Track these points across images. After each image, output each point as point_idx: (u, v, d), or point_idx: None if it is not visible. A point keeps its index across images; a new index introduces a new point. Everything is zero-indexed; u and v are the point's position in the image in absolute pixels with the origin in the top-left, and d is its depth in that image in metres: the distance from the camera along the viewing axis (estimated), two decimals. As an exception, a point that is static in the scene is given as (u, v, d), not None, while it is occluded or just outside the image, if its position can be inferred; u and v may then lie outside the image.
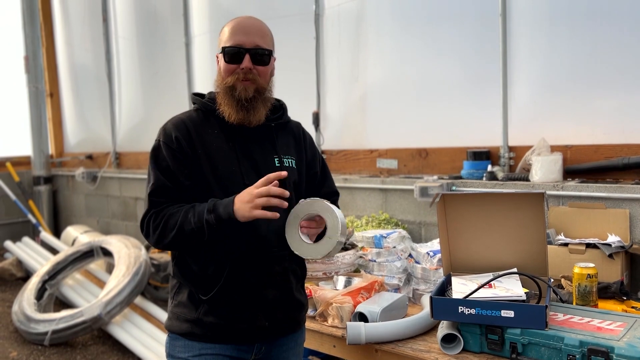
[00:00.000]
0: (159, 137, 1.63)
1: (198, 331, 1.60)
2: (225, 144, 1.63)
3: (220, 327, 1.60)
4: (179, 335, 1.63)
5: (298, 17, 3.66)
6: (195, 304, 1.60)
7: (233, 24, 1.64)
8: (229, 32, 1.63)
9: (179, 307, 1.63)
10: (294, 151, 1.75)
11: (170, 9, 4.74)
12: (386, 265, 2.32)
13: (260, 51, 1.62)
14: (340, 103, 3.55)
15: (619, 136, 2.45)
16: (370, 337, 1.81)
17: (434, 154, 3.07)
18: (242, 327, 1.61)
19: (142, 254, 4.17)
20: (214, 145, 1.61)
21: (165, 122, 1.67)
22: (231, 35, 1.62)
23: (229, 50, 1.62)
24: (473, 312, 1.64)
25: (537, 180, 2.51)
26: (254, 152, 1.65)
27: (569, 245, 2.20)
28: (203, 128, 1.63)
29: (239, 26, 1.63)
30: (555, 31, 2.61)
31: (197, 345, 1.61)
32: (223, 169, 1.60)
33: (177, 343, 1.64)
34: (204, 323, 1.59)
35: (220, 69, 1.64)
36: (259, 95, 1.63)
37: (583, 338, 1.50)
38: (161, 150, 1.61)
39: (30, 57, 6.00)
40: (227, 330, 1.60)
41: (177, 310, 1.64)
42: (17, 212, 5.91)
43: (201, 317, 1.59)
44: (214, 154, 1.60)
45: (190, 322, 1.60)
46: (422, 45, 3.12)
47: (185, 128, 1.62)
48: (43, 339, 3.77)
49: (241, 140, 1.65)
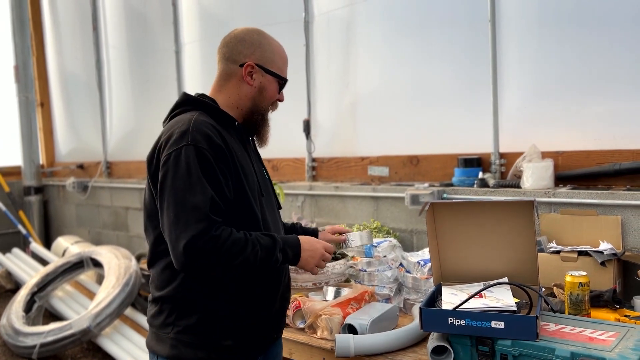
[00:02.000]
0: (193, 142, 1.42)
1: (216, 356, 1.52)
2: (247, 155, 1.63)
3: (237, 347, 1.54)
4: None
5: (288, 25, 3.64)
6: (210, 327, 1.50)
7: (283, 54, 1.68)
8: (282, 61, 1.66)
9: (186, 333, 1.51)
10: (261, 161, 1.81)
11: (160, 17, 4.72)
12: (377, 275, 2.29)
13: None
14: (331, 110, 3.53)
15: (610, 142, 2.44)
16: (359, 349, 1.78)
17: (425, 161, 3.05)
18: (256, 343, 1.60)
19: (133, 264, 4.12)
20: (239, 155, 1.55)
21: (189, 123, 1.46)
22: (284, 64, 1.67)
23: (283, 83, 1.67)
24: (463, 323, 1.61)
25: (529, 187, 2.49)
26: (255, 163, 1.67)
27: (561, 253, 2.18)
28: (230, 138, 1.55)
29: (285, 58, 1.69)
30: (545, 37, 2.60)
31: None
32: (250, 178, 1.57)
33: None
34: (222, 346, 1.52)
35: (266, 91, 1.64)
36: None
37: (575, 349, 1.47)
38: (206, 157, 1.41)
39: (20, 66, 5.96)
40: (242, 349, 1.55)
41: (184, 337, 1.51)
42: (7, 222, 5.84)
43: (219, 340, 1.51)
44: (243, 162, 1.56)
45: (207, 347, 1.51)
46: (413, 52, 3.10)
47: (220, 134, 1.49)
48: (31, 352, 3.72)
49: (249, 151, 1.67)
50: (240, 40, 1.62)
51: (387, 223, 3.04)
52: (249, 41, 1.61)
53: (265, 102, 1.64)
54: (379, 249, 2.38)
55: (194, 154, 1.41)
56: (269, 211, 1.64)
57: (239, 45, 1.61)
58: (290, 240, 1.55)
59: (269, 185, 1.72)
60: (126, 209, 5.12)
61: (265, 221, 1.60)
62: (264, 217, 1.59)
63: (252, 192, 1.55)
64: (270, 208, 1.67)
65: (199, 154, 1.41)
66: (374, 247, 2.38)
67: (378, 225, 3.00)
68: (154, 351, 1.57)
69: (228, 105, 1.62)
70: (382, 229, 2.96)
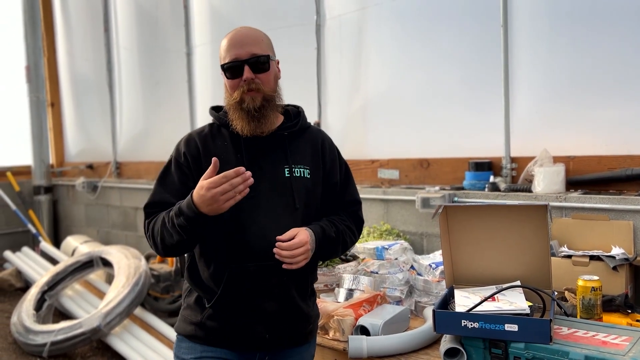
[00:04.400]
0: (172, 153, 1.71)
1: (200, 334, 1.65)
2: (234, 156, 1.64)
3: (220, 332, 1.64)
4: (184, 337, 1.68)
5: (299, 28, 3.66)
6: (201, 307, 1.66)
7: (227, 40, 1.67)
8: (225, 49, 1.66)
9: (187, 309, 1.70)
10: (309, 160, 1.72)
11: (172, 19, 4.75)
12: (388, 277, 2.30)
13: (257, 59, 1.62)
14: (341, 113, 3.55)
15: (622, 147, 2.44)
16: (372, 350, 1.79)
17: (436, 165, 3.06)
18: (240, 336, 1.63)
19: (142, 264, 4.15)
20: (221, 158, 1.58)
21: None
22: (227, 51, 1.64)
23: (228, 66, 1.63)
24: (476, 325, 1.62)
25: (540, 192, 2.50)
26: (263, 162, 1.65)
27: (573, 257, 2.18)
28: (213, 142, 1.67)
29: (233, 40, 1.65)
30: (557, 42, 2.61)
31: (199, 347, 1.66)
32: None
33: (182, 344, 1.69)
34: (206, 327, 1.64)
35: (226, 86, 1.67)
36: (267, 103, 1.63)
37: (588, 353, 1.47)
38: (171, 165, 1.69)
39: (32, 66, 6.01)
40: (226, 336, 1.64)
41: (185, 313, 1.70)
42: (17, 221, 5.89)
43: (204, 321, 1.64)
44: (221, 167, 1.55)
45: (195, 324, 1.66)
46: (424, 55, 3.12)
47: (195, 144, 1.68)
48: (42, 350, 3.74)
49: (252, 150, 1.65)
50: None
51: (397, 226, 3.05)
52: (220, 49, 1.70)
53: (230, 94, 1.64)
54: (390, 252, 2.40)
55: (167, 163, 1.70)
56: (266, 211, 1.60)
57: None
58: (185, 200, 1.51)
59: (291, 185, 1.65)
60: (135, 209, 5.15)
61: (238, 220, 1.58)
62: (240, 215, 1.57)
63: None
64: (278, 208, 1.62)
65: (169, 163, 1.69)
66: (385, 250, 2.39)
67: (388, 227, 3.01)
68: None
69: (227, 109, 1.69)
70: (392, 232, 2.97)
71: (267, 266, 1.60)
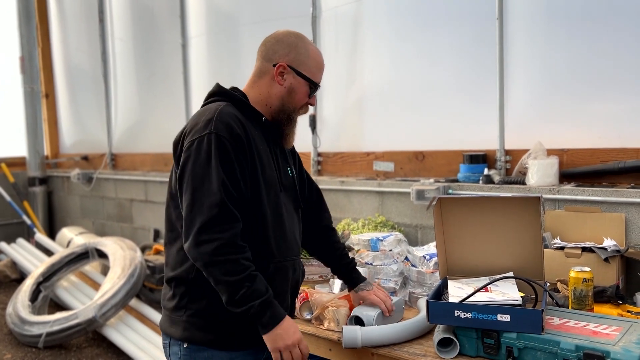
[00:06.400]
0: (216, 130, 1.48)
1: (226, 339, 1.57)
2: (268, 151, 1.66)
3: (249, 335, 1.58)
4: (203, 346, 1.58)
5: (295, 20, 3.65)
6: (219, 312, 1.54)
7: (319, 58, 1.69)
8: (317, 65, 1.68)
9: (196, 317, 1.57)
10: (290, 159, 1.82)
11: (167, 10, 4.73)
12: (382, 268, 2.31)
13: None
14: (337, 106, 3.55)
15: (615, 140, 2.46)
16: (367, 340, 1.81)
17: (431, 157, 3.07)
18: None
19: (138, 255, 4.16)
20: (260, 150, 1.61)
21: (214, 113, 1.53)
22: (318, 70, 1.68)
23: (314, 87, 1.68)
24: (469, 316, 1.64)
25: (534, 184, 2.51)
26: (280, 160, 1.71)
27: (565, 249, 2.20)
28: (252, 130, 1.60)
29: (322, 64, 1.71)
30: (552, 35, 2.62)
31: (226, 354, 1.58)
32: (269, 173, 1.62)
33: (200, 354, 1.58)
34: (232, 330, 1.57)
35: (295, 93, 1.66)
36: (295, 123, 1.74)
37: (579, 342, 1.50)
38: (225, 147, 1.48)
39: (26, 57, 5.98)
40: (254, 337, 1.58)
41: (195, 321, 1.57)
42: (11, 213, 5.88)
43: (230, 324, 1.56)
44: (262, 155, 1.61)
45: (217, 332, 1.57)
46: (419, 48, 3.12)
47: (242, 124, 1.56)
48: (37, 341, 3.75)
49: (273, 147, 1.70)
50: (278, 41, 1.67)
51: (392, 218, 3.06)
52: (285, 42, 1.66)
53: (293, 103, 1.66)
54: (384, 243, 2.41)
55: (215, 142, 1.48)
56: (288, 208, 1.70)
57: (276, 45, 1.66)
58: (277, 309, 1.51)
59: (295, 184, 1.76)
60: (131, 200, 5.15)
61: (280, 216, 1.64)
62: (279, 211, 1.63)
63: (268, 185, 1.60)
64: (291, 205, 1.72)
65: (219, 142, 1.48)
66: (380, 241, 2.41)
67: (383, 219, 3.03)
68: (168, 333, 1.63)
69: (257, 101, 1.66)
70: (387, 224, 2.99)
71: (296, 260, 1.71)
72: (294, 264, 1.73)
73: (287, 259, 1.67)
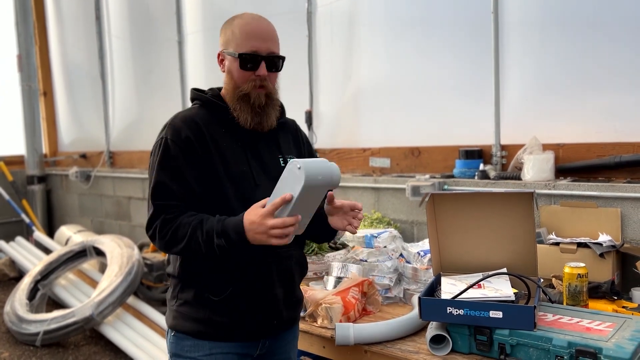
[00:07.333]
0: (166, 134, 1.55)
1: (209, 330, 1.59)
2: (235, 143, 1.62)
3: (232, 327, 1.60)
4: (187, 335, 1.61)
5: (290, 15, 3.64)
6: (203, 303, 1.58)
7: (247, 27, 1.58)
8: (243, 35, 1.57)
9: (185, 306, 1.61)
10: (294, 149, 1.76)
11: (163, 7, 4.71)
12: (377, 265, 2.30)
13: (275, 58, 1.61)
14: (333, 102, 3.53)
15: (611, 135, 2.44)
16: (359, 338, 1.80)
17: (427, 153, 3.06)
18: (251, 326, 1.62)
19: (135, 253, 4.15)
20: (224, 145, 1.58)
21: (171, 118, 1.60)
22: (245, 39, 1.57)
23: (246, 57, 1.57)
24: (461, 312, 1.63)
25: (529, 179, 2.50)
26: (262, 152, 1.65)
27: (560, 244, 2.19)
28: (213, 126, 1.60)
29: (255, 30, 1.58)
30: (547, 31, 2.60)
31: (208, 344, 1.60)
32: (235, 169, 1.58)
33: (185, 342, 1.62)
34: (214, 322, 1.59)
35: (232, 73, 1.60)
36: (270, 101, 1.63)
37: (571, 339, 1.49)
38: (169, 148, 1.54)
39: (24, 55, 5.96)
40: (238, 329, 1.60)
41: (182, 310, 1.61)
42: (10, 211, 5.88)
43: (211, 317, 1.58)
44: (226, 152, 1.57)
45: (200, 321, 1.59)
46: (415, 44, 3.10)
47: (197, 125, 1.56)
48: (35, 339, 3.75)
49: (249, 140, 1.64)
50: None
51: (388, 214, 3.05)
52: (221, 30, 1.65)
53: (236, 83, 1.59)
54: (379, 240, 2.40)
55: (163, 146, 1.55)
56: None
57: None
58: (233, 223, 1.45)
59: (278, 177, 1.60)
60: (129, 198, 5.14)
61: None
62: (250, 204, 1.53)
63: (235, 181, 1.56)
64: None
65: (165, 146, 1.54)
66: (374, 238, 2.40)
67: (379, 216, 3.02)
68: (167, 322, 1.70)
69: (225, 94, 1.65)
70: (383, 220, 2.97)
71: (278, 253, 1.63)
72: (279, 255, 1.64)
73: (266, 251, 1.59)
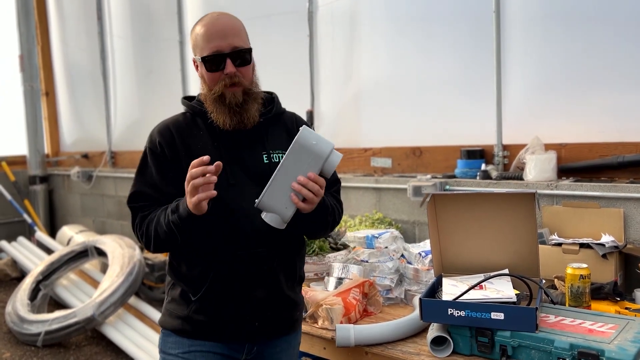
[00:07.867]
0: (146, 143, 1.66)
1: (188, 328, 1.62)
2: (211, 145, 1.61)
3: (209, 326, 1.61)
4: (171, 332, 1.66)
5: (292, 15, 3.63)
6: (186, 301, 1.63)
7: (205, 29, 1.58)
8: (204, 38, 1.57)
9: (171, 303, 1.66)
10: (285, 144, 1.66)
11: (164, 7, 4.71)
12: (378, 265, 2.29)
13: (240, 53, 1.58)
14: (334, 101, 3.52)
15: (613, 134, 2.42)
16: (360, 339, 1.79)
17: (428, 153, 3.04)
18: (230, 327, 1.62)
19: (136, 253, 4.15)
20: (198, 147, 1.60)
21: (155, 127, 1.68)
22: (207, 41, 1.56)
23: (209, 59, 1.56)
24: (463, 314, 1.62)
25: (531, 179, 2.48)
26: (241, 149, 1.63)
27: (563, 245, 2.18)
28: (188, 131, 1.63)
29: (212, 30, 1.57)
30: (549, 30, 2.58)
31: (187, 342, 1.63)
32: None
33: (168, 339, 1.66)
34: (193, 321, 1.62)
35: (204, 77, 1.61)
36: (249, 97, 1.60)
37: (573, 341, 1.47)
38: (146, 156, 1.64)
39: (25, 55, 5.97)
40: (216, 329, 1.62)
41: (169, 307, 1.67)
42: (12, 211, 5.88)
43: (191, 315, 1.62)
44: (197, 156, 1.54)
45: (181, 319, 1.63)
46: (416, 44, 3.09)
47: (169, 132, 1.63)
48: (36, 339, 3.75)
49: (228, 138, 1.62)
50: None
51: (390, 214, 3.04)
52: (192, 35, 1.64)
53: (210, 87, 1.59)
54: (380, 240, 2.39)
55: (143, 154, 1.66)
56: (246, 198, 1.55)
57: None
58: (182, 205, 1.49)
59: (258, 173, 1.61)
60: (130, 198, 5.13)
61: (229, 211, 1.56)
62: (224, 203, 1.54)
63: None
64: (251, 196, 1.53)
65: (144, 154, 1.65)
66: (375, 238, 2.39)
67: (380, 216, 3.00)
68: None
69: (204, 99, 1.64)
70: (385, 220, 2.96)
71: (256, 253, 1.59)
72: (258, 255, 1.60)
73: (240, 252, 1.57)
